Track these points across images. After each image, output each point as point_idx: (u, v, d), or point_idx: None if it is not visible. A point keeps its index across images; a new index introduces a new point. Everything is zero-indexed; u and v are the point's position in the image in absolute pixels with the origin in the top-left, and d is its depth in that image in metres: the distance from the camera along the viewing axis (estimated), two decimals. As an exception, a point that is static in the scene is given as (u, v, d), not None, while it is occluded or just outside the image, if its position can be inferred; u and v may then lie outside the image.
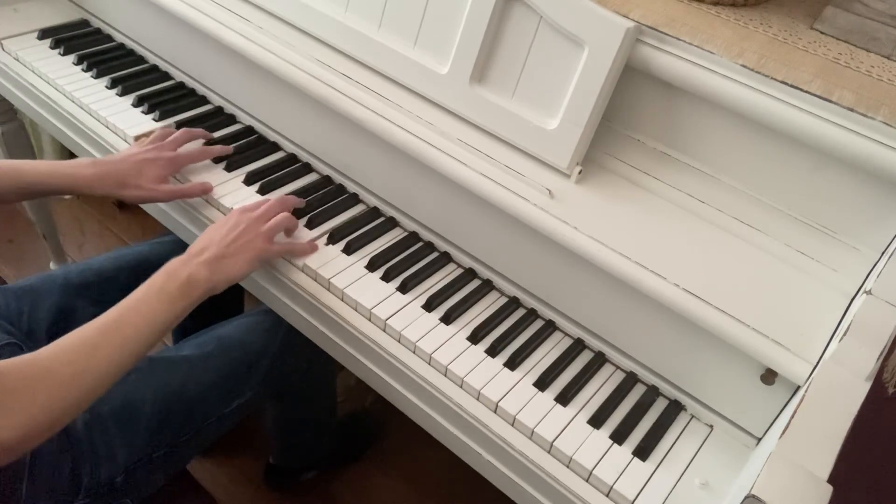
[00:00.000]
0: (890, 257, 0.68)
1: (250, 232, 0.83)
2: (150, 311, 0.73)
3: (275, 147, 1.07)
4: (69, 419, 0.67)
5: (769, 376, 0.72)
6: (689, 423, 0.80)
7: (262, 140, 1.08)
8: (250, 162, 1.03)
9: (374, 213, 0.98)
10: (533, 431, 0.75)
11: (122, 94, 1.10)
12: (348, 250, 0.91)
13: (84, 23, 1.25)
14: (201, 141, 1.03)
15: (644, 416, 0.79)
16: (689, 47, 0.76)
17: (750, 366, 0.72)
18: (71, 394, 0.65)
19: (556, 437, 0.74)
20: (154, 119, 1.07)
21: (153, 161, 0.92)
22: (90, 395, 0.68)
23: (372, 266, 0.90)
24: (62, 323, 0.98)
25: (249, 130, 1.10)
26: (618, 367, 0.84)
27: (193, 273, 0.77)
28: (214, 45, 1.04)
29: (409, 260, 0.92)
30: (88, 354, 0.67)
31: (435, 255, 0.94)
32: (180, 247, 1.05)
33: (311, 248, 0.90)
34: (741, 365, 0.73)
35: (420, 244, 0.95)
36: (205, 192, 0.95)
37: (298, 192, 0.98)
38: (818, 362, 0.67)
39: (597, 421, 0.77)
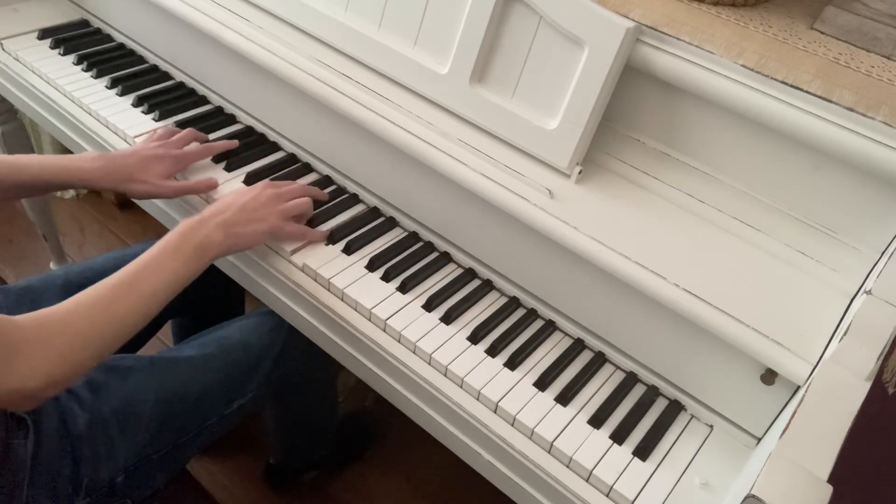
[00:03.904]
0: (890, 257, 0.68)
1: (269, 206, 0.86)
2: (164, 270, 0.75)
3: (275, 147, 1.07)
4: (87, 370, 0.70)
5: (769, 376, 0.72)
6: (689, 423, 0.80)
7: (262, 140, 1.08)
8: (250, 162, 1.03)
9: (374, 213, 0.98)
10: (533, 431, 0.75)
11: (122, 94, 1.10)
12: (348, 250, 0.91)
13: (84, 23, 1.26)
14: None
15: (644, 416, 0.79)
16: (689, 47, 0.76)
17: (750, 366, 0.72)
18: (88, 346, 0.68)
19: (556, 437, 0.74)
20: (154, 119, 1.07)
21: (160, 158, 0.93)
22: (107, 348, 0.70)
23: (372, 266, 0.90)
24: (62, 323, 0.98)
25: (249, 130, 1.10)
26: (618, 367, 0.85)
27: (208, 234, 0.79)
28: (214, 45, 1.04)
29: (409, 260, 0.92)
30: (104, 309, 0.70)
31: (435, 255, 0.94)
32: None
33: (322, 235, 0.92)
34: (741, 365, 0.73)
35: (420, 244, 0.95)
36: (210, 188, 0.96)
37: (299, 192, 0.98)
38: (818, 362, 0.67)
39: (597, 421, 0.77)
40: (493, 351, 0.82)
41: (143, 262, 0.75)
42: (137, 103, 1.09)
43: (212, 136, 1.06)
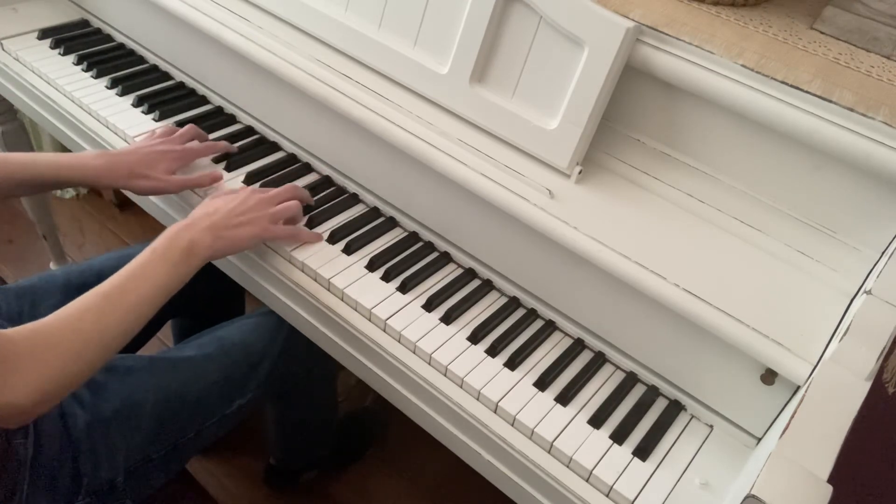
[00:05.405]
0: (890, 257, 0.68)
1: (257, 209, 0.85)
2: (153, 276, 0.74)
3: (275, 147, 1.07)
4: (80, 382, 0.69)
5: (769, 376, 0.72)
6: (689, 423, 0.80)
7: (262, 140, 1.08)
8: (250, 162, 1.03)
9: (374, 213, 0.98)
10: (533, 431, 0.75)
11: (122, 94, 1.11)
12: (348, 250, 0.91)
13: (84, 23, 1.26)
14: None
15: (644, 416, 0.79)
16: (689, 47, 0.76)
17: (750, 366, 0.72)
18: (80, 358, 0.67)
19: (556, 437, 0.74)
20: (154, 119, 1.07)
21: (163, 153, 0.93)
22: (98, 360, 0.69)
23: (372, 266, 0.90)
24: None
25: (249, 130, 1.10)
26: (618, 367, 0.85)
27: (196, 238, 0.77)
28: (214, 45, 1.04)
29: (409, 260, 0.92)
30: (94, 320, 0.69)
31: (435, 255, 0.94)
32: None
33: (316, 237, 0.91)
34: (741, 365, 0.73)
35: (420, 244, 0.95)
36: (214, 180, 0.96)
37: (298, 193, 0.98)
38: (818, 362, 0.67)
39: (597, 421, 0.77)
40: (493, 351, 0.82)
41: (131, 269, 0.73)
42: (137, 103, 1.09)
43: (212, 136, 1.06)
